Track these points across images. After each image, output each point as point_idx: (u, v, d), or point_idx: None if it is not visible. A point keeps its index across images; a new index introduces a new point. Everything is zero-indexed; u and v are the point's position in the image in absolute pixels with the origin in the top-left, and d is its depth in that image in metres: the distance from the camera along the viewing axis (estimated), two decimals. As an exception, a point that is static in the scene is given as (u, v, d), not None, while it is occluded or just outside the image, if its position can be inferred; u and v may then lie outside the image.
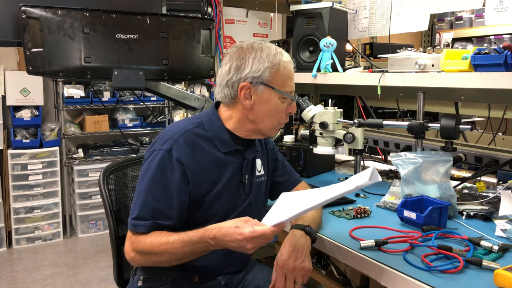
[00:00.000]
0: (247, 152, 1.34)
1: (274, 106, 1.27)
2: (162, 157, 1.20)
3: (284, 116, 1.31)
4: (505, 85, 1.25)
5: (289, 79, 1.29)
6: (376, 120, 1.70)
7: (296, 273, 1.14)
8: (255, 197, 1.36)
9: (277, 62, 1.26)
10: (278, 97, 1.26)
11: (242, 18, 2.43)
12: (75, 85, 3.77)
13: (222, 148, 1.28)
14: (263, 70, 1.24)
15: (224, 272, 1.33)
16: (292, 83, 1.30)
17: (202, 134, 1.27)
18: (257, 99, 1.26)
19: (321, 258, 1.96)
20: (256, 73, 1.24)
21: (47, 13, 1.63)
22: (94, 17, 1.69)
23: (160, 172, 1.19)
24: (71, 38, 1.68)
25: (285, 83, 1.27)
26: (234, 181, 1.30)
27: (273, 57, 1.25)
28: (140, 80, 1.81)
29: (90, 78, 1.75)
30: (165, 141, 1.22)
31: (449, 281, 0.99)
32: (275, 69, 1.25)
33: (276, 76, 1.25)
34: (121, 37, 1.76)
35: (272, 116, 1.29)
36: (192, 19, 1.92)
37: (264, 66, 1.24)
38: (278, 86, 1.26)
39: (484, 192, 1.53)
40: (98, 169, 3.78)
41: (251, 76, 1.24)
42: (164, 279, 1.28)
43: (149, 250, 1.15)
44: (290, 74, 1.29)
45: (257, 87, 1.25)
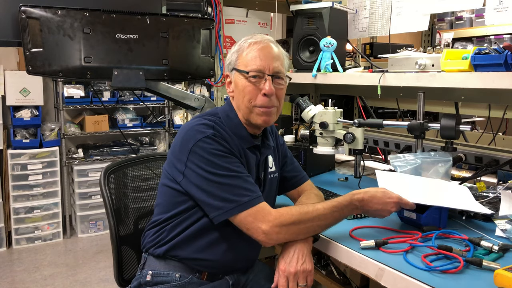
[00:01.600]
0: (263, 148, 1.37)
1: (241, 86, 1.29)
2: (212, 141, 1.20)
3: (257, 97, 1.28)
4: (505, 85, 1.25)
5: (255, 58, 1.27)
6: (376, 120, 1.70)
7: (298, 276, 1.15)
8: (267, 194, 1.37)
9: (244, 44, 1.30)
10: (244, 77, 1.28)
11: (242, 18, 2.43)
12: (75, 85, 3.77)
13: (243, 144, 1.30)
14: (231, 56, 1.32)
15: (232, 270, 1.33)
16: (260, 62, 1.27)
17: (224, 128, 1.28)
18: (233, 85, 1.33)
19: (321, 258, 1.96)
20: (229, 60, 1.33)
21: (47, 13, 1.63)
22: (94, 17, 1.69)
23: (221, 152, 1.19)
24: (71, 38, 1.68)
25: (249, 62, 1.28)
26: (253, 176, 1.31)
27: (244, 42, 1.31)
28: (140, 80, 1.81)
29: (90, 78, 1.75)
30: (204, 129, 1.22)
31: (449, 281, 0.99)
32: (241, 51, 1.30)
33: (240, 58, 1.29)
34: (121, 37, 1.76)
35: (243, 98, 1.29)
36: (192, 19, 1.92)
37: (233, 51, 1.32)
38: (243, 66, 1.28)
39: (484, 192, 1.53)
40: (98, 169, 3.79)
41: (227, 65, 1.33)
42: (173, 275, 1.27)
43: (298, 219, 1.16)
44: (258, 53, 1.28)
45: (231, 74, 1.33)
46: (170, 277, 1.28)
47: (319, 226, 1.19)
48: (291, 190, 1.51)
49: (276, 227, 1.15)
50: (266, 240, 1.16)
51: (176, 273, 1.28)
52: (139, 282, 1.31)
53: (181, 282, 1.27)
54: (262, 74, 1.27)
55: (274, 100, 1.30)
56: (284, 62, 1.34)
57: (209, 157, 1.18)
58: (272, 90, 1.27)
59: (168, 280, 1.27)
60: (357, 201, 1.21)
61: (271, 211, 1.17)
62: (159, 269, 1.29)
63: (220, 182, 1.17)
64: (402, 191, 1.36)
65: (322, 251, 1.29)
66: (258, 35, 1.33)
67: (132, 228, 1.63)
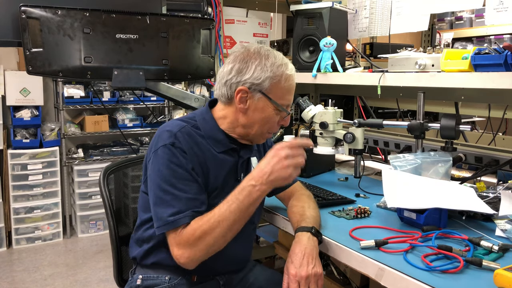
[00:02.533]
0: (243, 151, 1.34)
1: (267, 115, 1.27)
2: (169, 151, 1.18)
3: (275, 127, 1.31)
4: (505, 85, 1.25)
5: (288, 92, 1.28)
6: (376, 120, 1.70)
7: (310, 280, 1.13)
8: None
9: (280, 73, 1.25)
10: (273, 108, 1.26)
11: (242, 18, 2.43)
12: (75, 85, 3.77)
13: (216, 148, 1.28)
14: (264, 79, 1.23)
15: (222, 272, 1.33)
16: (291, 97, 1.30)
17: (197, 133, 1.27)
18: (252, 105, 1.26)
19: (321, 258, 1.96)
20: (256, 80, 1.23)
21: (47, 13, 1.63)
22: (94, 17, 1.69)
23: (173, 165, 1.18)
24: (71, 38, 1.68)
25: (283, 96, 1.27)
26: (230, 180, 1.30)
27: (277, 68, 1.24)
28: (140, 80, 1.81)
29: (90, 78, 1.75)
30: (166, 137, 1.21)
31: (449, 281, 0.99)
32: (276, 80, 1.24)
33: (275, 88, 1.25)
34: (121, 37, 1.76)
35: (264, 125, 1.29)
36: (192, 19, 1.92)
37: (266, 75, 1.23)
38: (276, 97, 1.25)
39: (484, 192, 1.53)
40: (98, 169, 3.78)
41: (250, 82, 1.24)
42: (162, 278, 1.28)
43: (200, 233, 1.11)
44: (291, 88, 1.28)
45: (254, 93, 1.25)
46: (160, 280, 1.28)
47: (228, 228, 1.13)
48: (280, 192, 1.49)
49: (183, 249, 1.12)
50: (182, 264, 1.14)
51: (165, 276, 1.28)
52: (130, 287, 1.32)
53: (170, 284, 1.27)
54: (289, 111, 1.30)
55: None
56: None
57: (161, 168, 1.18)
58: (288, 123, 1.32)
59: (157, 283, 1.28)
60: (248, 181, 1.14)
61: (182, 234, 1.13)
62: (149, 273, 1.30)
63: (160, 197, 1.17)
64: (407, 191, 1.35)
65: (322, 251, 1.29)
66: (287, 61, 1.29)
67: (132, 228, 1.63)
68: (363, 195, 1.68)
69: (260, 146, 1.46)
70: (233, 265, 1.36)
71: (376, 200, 1.58)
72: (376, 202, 1.57)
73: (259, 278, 1.41)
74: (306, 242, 1.19)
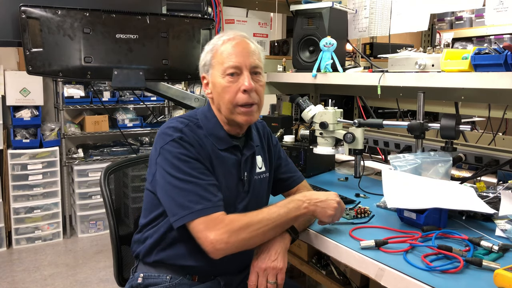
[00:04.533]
0: (246, 148, 1.34)
1: (219, 86, 1.25)
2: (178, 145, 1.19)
3: (238, 96, 1.24)
4: (505, 85, 1.25)
5: (230, 55, 1.23)
6: (376, 120, 1.70)
7: (268, 272, 1.18)
8: (255, 195, 1.36)
9: (216, 42, 1.27)
10: (221, 76, 1.24)
11: (242, 18, 2.43)
12: (75, 85, 3.77)
13: (218, 145, 1.27)
14: (205, 55, 1.29)
15: (223, 273, 1.33)
16: (236, 58, 1.23)
17: (199, 131, 1.27)
18: (211, 86, 1.29)
19: (321, 258, 1.96)
20: (203, 61, 1.30)
21: (47, 13, 1.63)
22: (94, 17, 1.69)
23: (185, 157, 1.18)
24: (71, 38, 1.68)
25: (224, 60, 1.23)
26: (233, 178, 1.30)
27: (217, 40, 1.27)
28: (140, 80, 1.81)
29: (90, 78, 1.75)
30: (173, 132, 1.21)
31: (449, 281, 0.99)
32: (214, 50, 1.26)
33: (216, 57, 1.25)
34: (121, 37, 1.76)
35: (223, 97, 1.25)
36: (192, 19, 1.92)
37: (206, 52, 1.29)
38: (219, 65, 1.24)
39: (484, 192, 1.53)
40: (98, 169, 3.79)
41: (202, 66, 1.30)
42: (163, 277, 1.28)
43: (246, 223, 1.13)
44: (231, 49, 1.23)
45: (207, 75, 1.29)
46: (161, 279, 1.28)
47: (271, 228, 1.17)
48: (287, 190, 1.50)
49: (224, 234, 1.11)
50: (213, 250, 1.11)
51: (166, 275, 1.28)
52: (131, 285, 1.32)
53: (171, 283, 1.27)
54: (239, 70, 1.24)
55: (254, 96, 1.25)
56: (260, 56, 1.29)
57: (173, 161, 1.18)
58: (252, 85, 1.23)
59: (158, 282, 1.28)
60: (300, 196, 1.24)
61: (224, 219, 1.13)
62: (150, 272, 1.30)
63: (179, 187, 1.16)
64: (407, 191, 1.36)
65: (322, 251, 1.29)
66: (230, 31, 1.29)
67: (132, 228, 1.63)
68: (363, 195, 1.68)
69: (264, 142, 1.44)
70: (235, 266, 1.35)
71: (376, 200, 1.58)
72: (376, 202, 1.57)
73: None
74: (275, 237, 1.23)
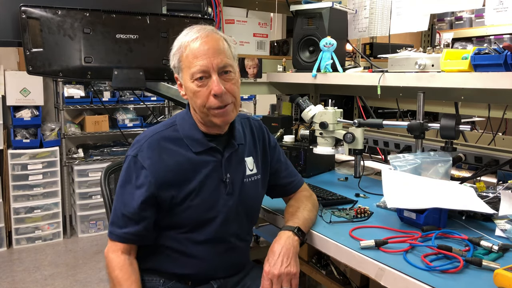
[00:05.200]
0: (227, 148, 1.30)
1: (190, 91, 1.21)
2: (129, 163, 1.22)
3: (210, 100, 1.19)
4: (505, 85, 1.25)
5: (195, 58, 1.17)
6: (376, 120, 1.70)
7: (282, 278, 1.15)
8: (244, 197, 1.32)
9: (180, 45, 1.21)
10: (189, 81, 1.20)
11: (242, 18, 2.43)
12: (75, 85, 3.77)
13: (193, 148, 1.24)
14: (172, 57, 1.24)
15: (217, 277, 1.32)
16: (201, 61, 1.17)
17: (173, 136, 1.24)
18: (184, 88, 1.25)
19: (321, 258, 1.96)
20: (172, 62, 1.25)
21: (47, 13, 1.63)
22: (94, 17, 1.69)
23: (127, 177, 1.22)
24: (71, 38, 1.68)
25: (190, 64, 1.18)
26: (212, 181, 1.26)
27: (178, 43, 1.22)
28: (140, 80, 1.81)
29: (90, 78, 1.76)
30: (134, 147, 1.24)
31: (449, 281, 0.99)
32: (180, 53, 1.21)
33: (182, 60, 1.21)
34: (121, 37, 1.76)
35: (196, 102, 1.21)
36: (192, 19, 1.93)
37: (173, 52, 1.23)
38: (186, 69, 1.20)
39: (484, 192, 1.53)
40: (98, 169, 3.79)
41: (173, 68, 1.25)
42: (156, 281, 1.27)
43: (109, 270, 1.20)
44: (197, 52, 1.17)
45: (179, 77, 1.25)
46: (154, 283, 1.27)
47: None
48: (288, 195, 1.48)
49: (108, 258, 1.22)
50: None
51: (160, 279, 1.28)
52: None
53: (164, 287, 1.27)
54: (207, 74, 1.18)
55: (227, 98, 1.20)
56: (229, 51, 1.22)
57: (121, 176, 1.24)
58: (221, 89, 1.18)
59: (152, 286, 1.27)
60: None
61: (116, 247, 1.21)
62: (143, 275, 1.29)
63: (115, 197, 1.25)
64: (407, 191, 1.36)
65: (322, 251, 1.29)
66: (194, 28, 1.22)
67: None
68: (363, 195, 1.68)
69: (257, 143, 1.40)
70: (228, 271, 1.34)
71: (376, 200, 1.58)
72: (376, 202, 1.57)
73: (256, 281, 1.39)
74: (285, 241, 1.20)
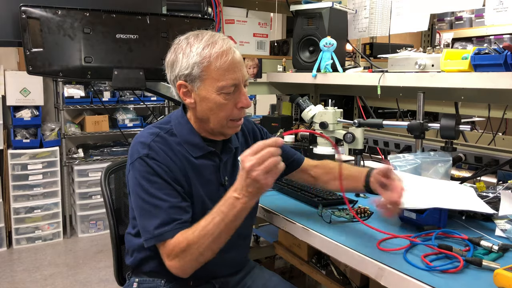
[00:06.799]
0: (224, 152, 1.29)
1: (214, 103, 1.16)
2: (145, 163, 1.15)
3: (233, 111, 1.19)
4: (505, 85, 1.25)
5: (227, 70, 1.14)
6: (376, 120, 1.70)
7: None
8: None
9: (207, 55, 1.14)
10: (216, 93, 1.15)
11: (242, 18, 2.43)
12: (75, 85, 3.77)
13: (193, 153, 1.21)
14: (191, 66, 1.14)
15: (218, 276, 1.32)
16: (233, 74, 1.15)
17: (172, 140, 1.21)
18: (197, 97, 1.17)
19: (321, 258, 1.96)
20: (186, 70, 1.15)
21: (47, 13, 1.63)
22: (94, 17, 1.70)
23: (151, 176, 1.15)
24: (71, 38, 1.68)
25: (222, 76, 1.14)
26: (212, 185, 1.25)
27: (202, 50, 1.14)
28: (140, 80, 1.82)
29: (90, 78, 1.76)
30: (141, 149, 1.17)
31: (449, 281, 0.99)
32: (206, 63, 1.14)
33: (209, 71, 1.14)
34: (121, 37, 1.76)
35: (218, 114, 1.18)
36: (192, 19, 1.93)
37: (193, 61, 1.14)
38: (214, 81, 1.14)
39: (484, 192, 1.53)
40: (98, 169, 3.79)
41: (182, 74, 1.16)
42: (158, 282, 1.27)
43: (185, 246, 1.08)
44: (228, 64, 1.14)
45: (193, 84, 1.16)
46: (155, 283, 1.27)
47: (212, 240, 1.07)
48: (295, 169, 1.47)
49: (173, 261, 1.10)
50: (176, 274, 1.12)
51: (161, 280, 1.27)
52: None
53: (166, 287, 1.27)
54: (237, 87, 1.17)
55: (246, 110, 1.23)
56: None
57: (140, 181, 1.15)
58: (250, 102, 1.19)
59: (153, 286, 1.27)
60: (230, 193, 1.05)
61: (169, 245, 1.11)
62: (145, 276, 1.29)
63: (143, 208, 1.14)
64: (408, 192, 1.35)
65: (322, 251, 1.29)
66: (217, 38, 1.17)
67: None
68: (363, 195, 1.68)
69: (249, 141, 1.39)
70: (229, 269, 1.34)
71: (376, 200, 1.58)
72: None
73: (257, 282, 1.39)
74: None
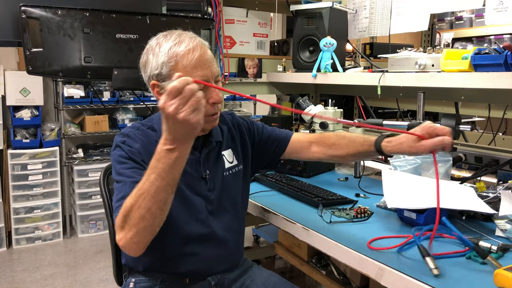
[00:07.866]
0: (204, 146, 1.31)
1: None
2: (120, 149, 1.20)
3: (207, 108, 1.16)
4: (505, 85, 1.25)
5: (194, 69, 1.15)
6: (376, 120, 1.70)
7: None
8: (226, 190, 1.33)
9: (173, 54, 1.15)
10: None
11: (242, 18, 2.43)
12: (75, 85, 3.77)
13: None
14: (160, 66, 1.16)
15: (213, 272, 1.32)
16: (202, 71, 1.15)
17: (152, 135, 1.24)
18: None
19: (321, 258, 1.96)
20: (156, 70, 1.17)
21: (47, 13, 1.63)
22: (94, 17, 1.70)
23: (123, 158, 1.19)
24: (71, 38, 1.68)
25: (189, 74, 1.09)
26: (192, 178, 1.26)
27: (169, 49, 1.15)
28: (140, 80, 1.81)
29: (90, 78, 1.76)
30: (118, 139, 1.23)
31: (449, 281, 0.99)
32: (173, 62, 1.15)
33: (176, 70, 1.14)
34: (121, 37, 1.76)
35: None
36: (192, 19, 1.93)
37: (161, 61, 1.16)
38: None
39: (484, 192, 1.53)
40: (98, 169, 3.78)
41: (153, 74, 1.18)
42: (154, 281, 1.28)
43: (125, 211, 1.03)
44: (194, 63, 1.15)
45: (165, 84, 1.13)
46: (152, 283, 1.28)
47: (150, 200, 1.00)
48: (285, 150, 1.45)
49: (118, 234, 1.06)
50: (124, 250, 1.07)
51: (157, 278, 1.28)
52: None
53: (162, 286, 1.28)
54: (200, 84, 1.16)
55: (219, 105, 1.22)
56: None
57: (114, 164, 1.21)
58: (221, 97, 1.20)
59: (149, 285, 1.28)
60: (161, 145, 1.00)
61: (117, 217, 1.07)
62: (141, 275, 1.30)
63: (116, 188, 1.17)
64: (408, 192, 1.36)
65: (322, 251, 1.29)
66: (184, 37, 1.18)
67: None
68: (363, 195, 1.68)
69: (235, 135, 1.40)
70: (222, 265, 1.33)
71: (376, 200, 1.58)
72: (376, 202, 1.57)
73: (256, 281, 1.39)
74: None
